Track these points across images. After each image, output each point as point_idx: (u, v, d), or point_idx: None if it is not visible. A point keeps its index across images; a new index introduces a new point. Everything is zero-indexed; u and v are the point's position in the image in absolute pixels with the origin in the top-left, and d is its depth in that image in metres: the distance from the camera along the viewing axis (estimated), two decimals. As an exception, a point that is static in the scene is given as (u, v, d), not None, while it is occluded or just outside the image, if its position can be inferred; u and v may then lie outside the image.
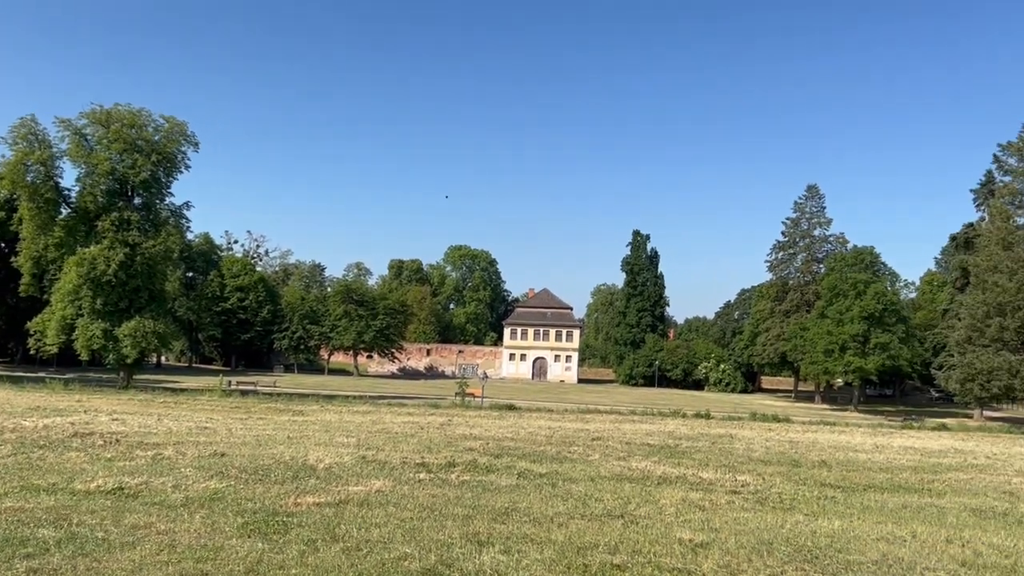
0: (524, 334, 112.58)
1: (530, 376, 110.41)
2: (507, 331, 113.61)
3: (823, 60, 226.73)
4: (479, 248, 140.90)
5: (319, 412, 25.61)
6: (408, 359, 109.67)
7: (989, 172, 70.08)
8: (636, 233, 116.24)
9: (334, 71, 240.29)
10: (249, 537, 7.58)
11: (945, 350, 69.39)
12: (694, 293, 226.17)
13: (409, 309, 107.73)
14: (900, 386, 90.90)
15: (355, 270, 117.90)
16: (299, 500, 9.49)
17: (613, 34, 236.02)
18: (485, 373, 73.06)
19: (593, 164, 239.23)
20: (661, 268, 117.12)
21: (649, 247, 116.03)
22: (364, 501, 9.75)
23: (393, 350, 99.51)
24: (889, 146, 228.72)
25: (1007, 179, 60.63)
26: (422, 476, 12.31)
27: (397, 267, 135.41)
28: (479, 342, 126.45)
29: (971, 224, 75.84)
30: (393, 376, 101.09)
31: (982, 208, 70.69)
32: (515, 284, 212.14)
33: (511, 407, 30.92)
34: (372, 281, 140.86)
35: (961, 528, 9.83)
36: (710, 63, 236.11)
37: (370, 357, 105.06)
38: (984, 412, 64.06)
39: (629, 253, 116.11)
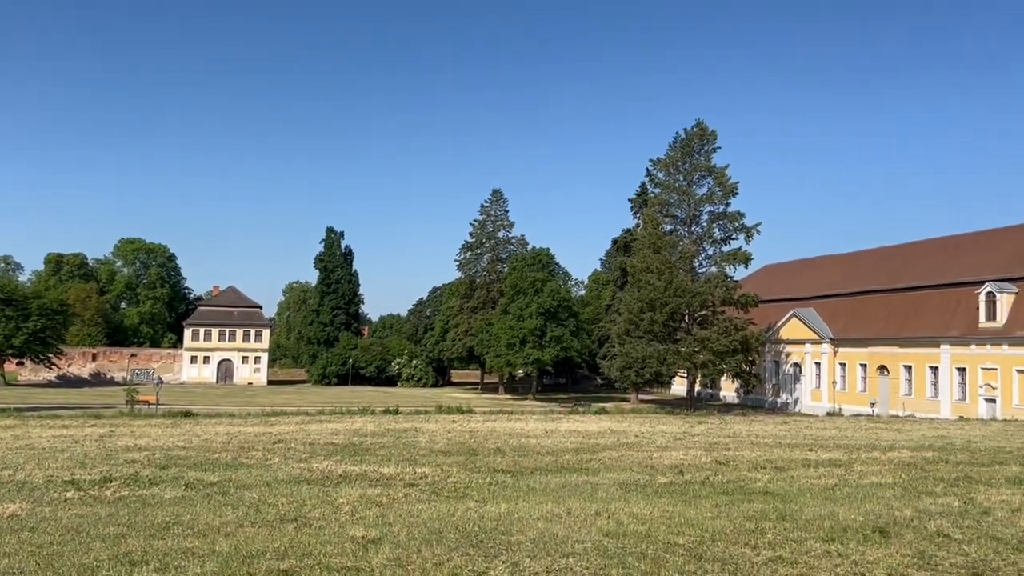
0: (208, 335, 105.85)
1: (215, 379, 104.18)
2: (188, 332, 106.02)
3: (511, 70, 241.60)
4: (156, 242, 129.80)
5: (-55, 430, 21.81)
6: (70, 365, 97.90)
7: (643, 184, 79.52)
8: (330, 230, 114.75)
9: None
10: None
11: (608, 341, 77.42)
12: (389, 291, 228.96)
13: (70, 309, 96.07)
14: (572, 375, 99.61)
15: (1, 264, 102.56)
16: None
17: (302, 24, 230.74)
18: (160, 378, 67.49)
19: (283, 158, 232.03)
20: (356, 266, 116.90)
21: (343, 244, 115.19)
22: (-11, 530, 8.42)
23: (50, 355, 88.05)
24: (563, 156, 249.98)
25: (657, 191, 69.03)
26: (70, 495, 10.97)
27: (55, 261, 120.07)
28: (156, 344, 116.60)
29: (629, 230, 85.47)
30: (51, 384, 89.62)
31: (638, 216, 79.85)
32: (198, 282, 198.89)
33: (188, 413, 28.84)
34: (24, 277, 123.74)
35: (609, 501, 10.89)
36: (392, 62, 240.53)
37: (21, 364, 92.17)
38: (639, 396, 72.49)
39: (323, 250, 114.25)
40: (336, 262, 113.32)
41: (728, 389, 76.66)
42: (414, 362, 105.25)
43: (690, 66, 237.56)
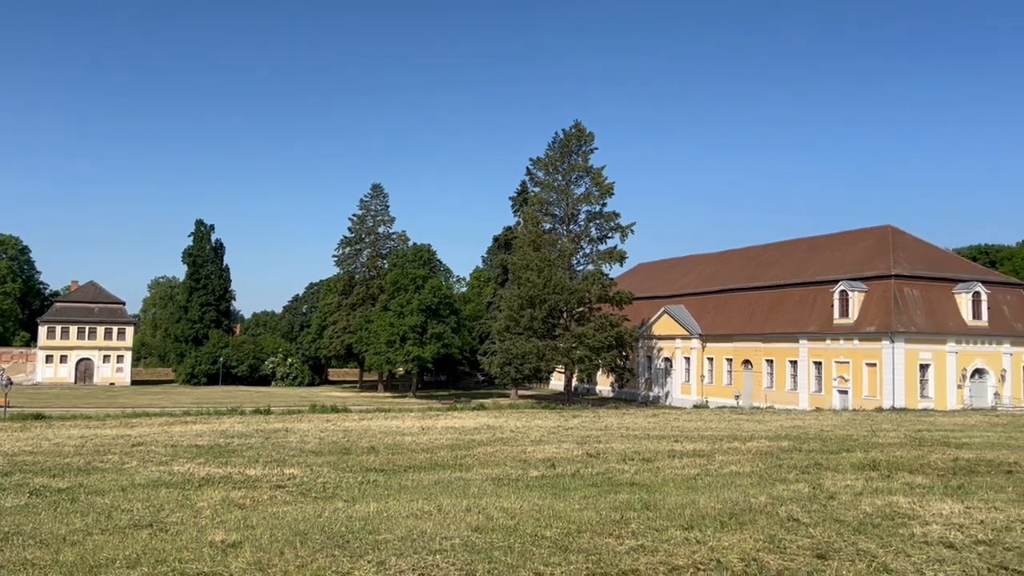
0: (66, 332, 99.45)
1: (73, 380, 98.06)
2: (43, 330, 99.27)
3: (392, 64, 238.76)
4: (6, 233, 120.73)
5: None
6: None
7: (524, 183, 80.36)
8: (199, 223, 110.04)
9: None
10: None
11: (489, 338, 77.93)
12: (263, 287, 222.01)
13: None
14: (453, 372, 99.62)
15: None
16: None
17: (170, 19, 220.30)
18: (10, 379, 62.89)
19: (149, 149, 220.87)
20: (227, 260, 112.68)
21: (214, 238, 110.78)
22: None
23: None
24: (445, 153, 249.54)
25: (537, 190, 69.99)
26: None
27: None
28: (6, 343, 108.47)
29: (510, 227, 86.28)
30: None
31: (518, 214, 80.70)
32: (56, 276, 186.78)
33: (39, 416, 26.97)
34: None
35: (480, 497, 10.92)
36: (268, 51, 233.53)
37: None
38: (519, 391, 73.33)
39: (192, 244, 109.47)
40: (206, 256, 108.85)
41: (604, 383, 78.63)
42: (289, 361, 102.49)
43: (571, 65, 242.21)
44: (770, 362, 61.98)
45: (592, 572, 7.17)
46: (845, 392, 55.39)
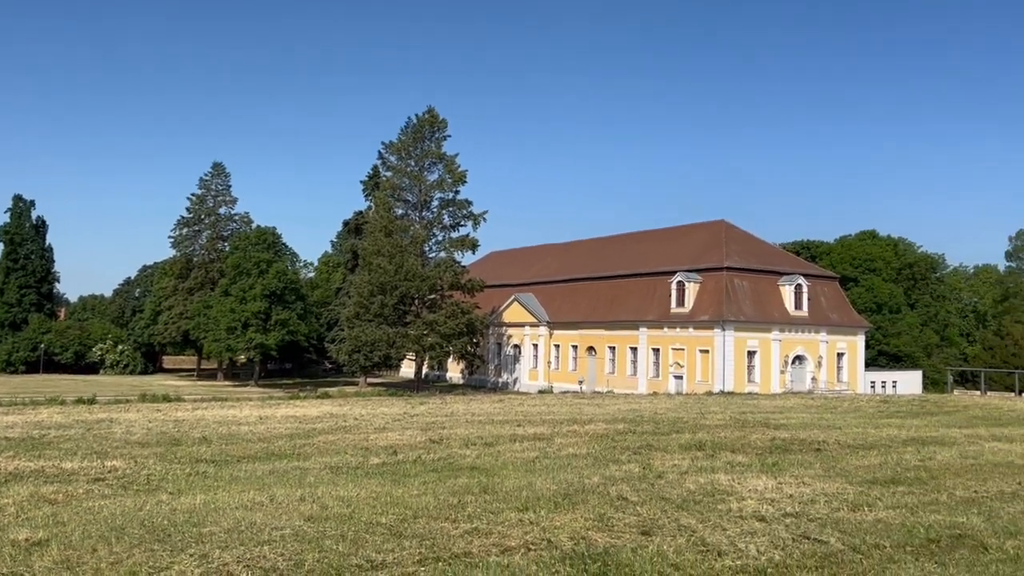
0: None
1: None
2: None
3: (241, 39, 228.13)
4: None
5: None
6: None
7: (376, 167, 79.14)
8: (17, 199, 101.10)
9: None
10: None
11: (337, 325, 76.40)
12: (91, 269, 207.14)
13: None
14: (299, 360, 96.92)
15: None
16: None
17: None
18: None
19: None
20: (50, 239, 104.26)
21: (34, 215, 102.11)
22: None
23: None
24: (293, 134, 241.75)
25: (389, 175, 69.16)
26: None
27: None
28: None
29: (361, 212, 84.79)
30: None
31: (370, 198, 79.47)
32: None
33: None
34: None
35: (316, 486, 10.68)
36: (99, 29, 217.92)
37: None
38: (368, 379, 72.38)
39: (8, 221, 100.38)
40: (25, 235, 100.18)
41: (455, 370, 79.01)
42: (120, 347, 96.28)
43: (426, 50, 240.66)
44: (612, 349, 64.36)
45: (425, 557, 7.17)
46: (680, 377, 58.40)
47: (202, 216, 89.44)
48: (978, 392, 46.33)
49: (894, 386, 65.12)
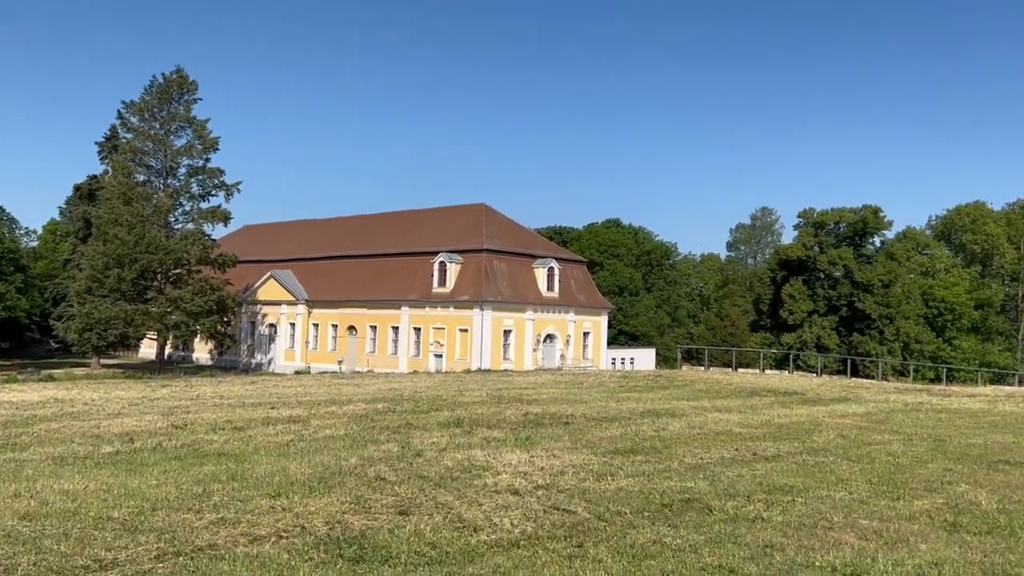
0: None
1: None
2: None
3: None
4: None
5: None
6: None
7: (114, 127, 71.86)
8: None
9: None
10: None
11: (66, 300, 68.80)
12: None
13: None
14: (19, 338, 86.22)
15: None
16: None
17: None
18: None
19: None
20: None
21: None
22: None
23: None
24: (14, 81, 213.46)
25: (130, 137, 63.16)
26: None
27: None
28: None
29: (96, 176, 76.70)
30: None
31: (106, 162, 72.09)
32: None
33: None
34: None
35: (35, 479, 9.52)
36: None
37: None
38: (102, 360, 66.02)
39: None
40: None
41: (203, 351, 74.39)
42: None
43: (181, 13, 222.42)
44: (374, 328, 63.92)
45: (164, 552, 6.61)
46: (440, 356, 59.34)
47: None
48: (702, 368, 51.61)
49: (632, 362, 70.70)
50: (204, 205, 61.52)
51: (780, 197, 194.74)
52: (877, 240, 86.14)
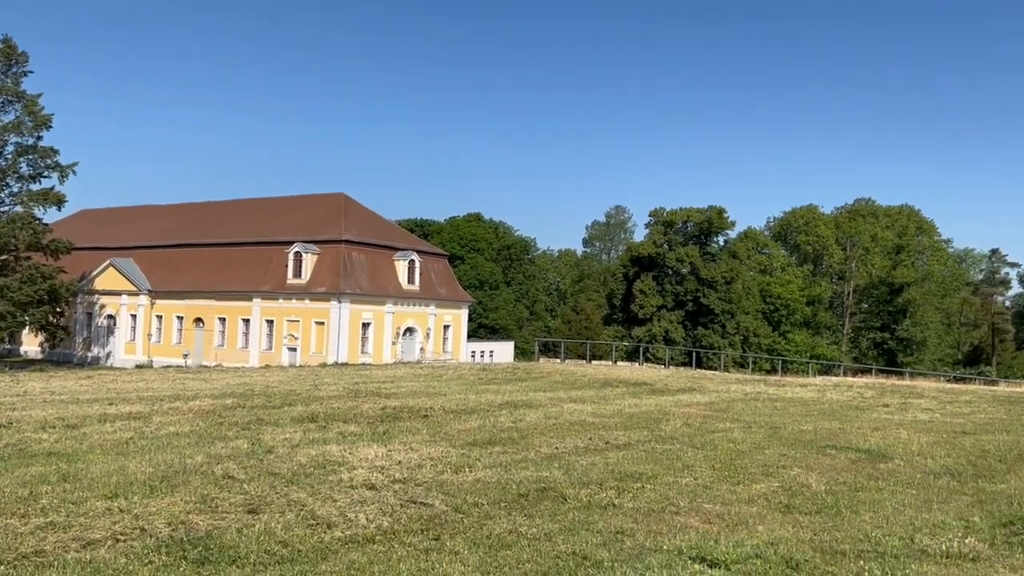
0: None
1: None
2: None
3: None
4: None
5: None
6: None
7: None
8: None
9: None
10: None
11: None
12: None
13: None
14: None
15: None
16: None
17: None
18: None
19: None
20: None
21: None
22: None
23: None
24: None
25: (-53, 108, 57.40)
26: None
27: None
28: None
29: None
30: None
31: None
32: None
33: None
34: None
35: None
36: None
37: None
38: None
39: None
40: None
41: (32, 343, 68.82)
42: None
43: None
44: (223, 320, 61.30)
45: (-19, 562, 6.03)
46: (295, 349, 57.68)
47: None
48: (559, 360, 52.80)
49: (491, 355, 71.44)
50: (35, 187, 56.97)
51: (633, 196, 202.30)
52: (721, 239, 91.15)
